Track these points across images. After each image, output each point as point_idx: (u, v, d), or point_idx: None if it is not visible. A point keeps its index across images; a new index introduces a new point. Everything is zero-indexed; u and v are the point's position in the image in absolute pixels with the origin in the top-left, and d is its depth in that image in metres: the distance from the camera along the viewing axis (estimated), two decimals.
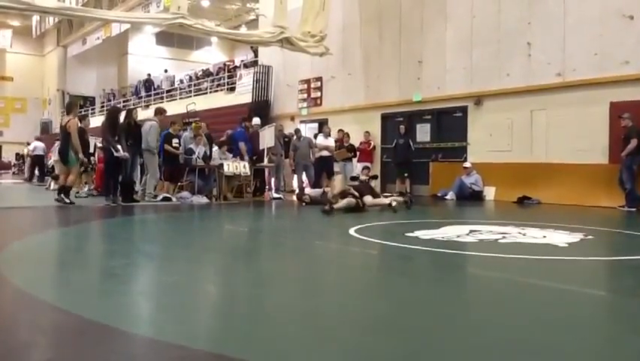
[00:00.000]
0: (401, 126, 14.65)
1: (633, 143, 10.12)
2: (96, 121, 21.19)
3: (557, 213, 10.09)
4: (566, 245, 5.79)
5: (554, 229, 7.12)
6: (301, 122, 18.03)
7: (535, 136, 12.46)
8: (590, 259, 5.44)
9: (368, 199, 9.50)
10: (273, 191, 13.09)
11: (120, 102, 30.25)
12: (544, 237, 6.38)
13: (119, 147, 10.11)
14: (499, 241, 6.01)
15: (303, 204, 11.30)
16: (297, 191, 13.09)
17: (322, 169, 13.53)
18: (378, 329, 2.92)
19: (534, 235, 6.49)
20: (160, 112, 12.04)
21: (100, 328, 2.83)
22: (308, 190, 12.47)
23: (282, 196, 12.92)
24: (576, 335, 2.82)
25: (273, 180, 13.44)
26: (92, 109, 32.81)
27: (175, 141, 11.79)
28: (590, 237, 6.54)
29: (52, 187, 15.16)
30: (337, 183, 10.16)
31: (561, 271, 4.89)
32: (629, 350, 2.61)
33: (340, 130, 14.98)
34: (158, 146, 11.34)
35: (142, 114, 14.19)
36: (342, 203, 9.14)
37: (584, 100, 11.39)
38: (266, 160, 12.93)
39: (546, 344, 2.65)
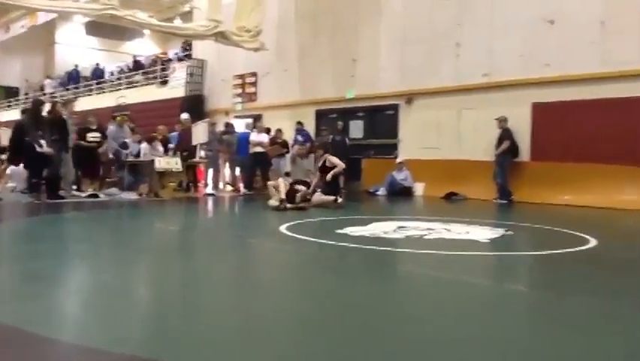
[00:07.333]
0: (339, 123, 14.73)
1: (506, 144, 11.33)
2: (15, 114, 19.85)
3: (481, 208, 10.49)
4: (488, 241, 6.06)
5: (478, 224, 7.40)
6: (235, 117, 17.87)
7: (463, 134, 12.86)
8: (509, 254, 5.72)
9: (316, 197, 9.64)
10: (211, 187, 12.96)
11: (46, 94, 28.97)
12: (468, 233, 6.62)
13: (42, 142, 9.66)
14: (425, 237, 6.21)
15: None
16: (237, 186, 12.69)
17: (256, 165, 13.49)
18: (309, 327, 2.99)
19: (458, 231, 6.72)
20: (66, 104, 11.63)
21: (19, 334, 2.75)
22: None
23: (215, 193, 12.79)
24: (494, 328, 2.98)
25: (210, 176, 13.29)
26: (17, 100, 31.30)
27: (91, 135, 11.38)
28: (511, 232, 6.87)
29: None
30: (282, 183, 9.79)
31: (481, 267, 5.13)
32: (545, 341, 2.79)
33: (278, 130, 14.85)
34: (69, 139, 10.71)
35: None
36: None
37: (508, 100, 11.84)
38: (198, 156, 12.77)
39: (467, 337, 2.79)
